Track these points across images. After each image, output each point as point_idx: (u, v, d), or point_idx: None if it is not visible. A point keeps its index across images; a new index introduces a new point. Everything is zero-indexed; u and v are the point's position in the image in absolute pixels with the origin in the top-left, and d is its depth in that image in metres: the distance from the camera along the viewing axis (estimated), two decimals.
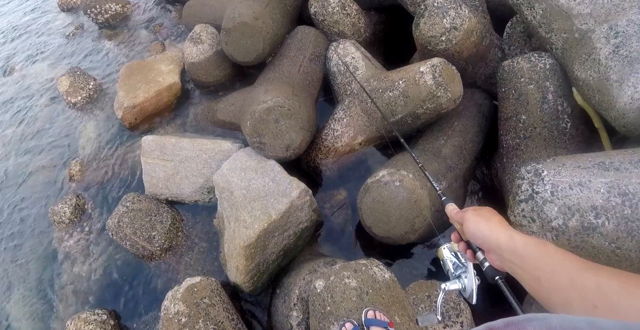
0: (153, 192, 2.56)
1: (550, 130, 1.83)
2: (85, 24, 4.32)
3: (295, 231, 2.06)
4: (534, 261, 0.59)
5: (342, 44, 2.66)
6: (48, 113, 3.58)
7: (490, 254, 0.68)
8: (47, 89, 3.82)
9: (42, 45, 4.44)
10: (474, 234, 0.69)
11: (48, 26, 4.74)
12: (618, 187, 1.27)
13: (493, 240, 0.66)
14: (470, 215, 0.72)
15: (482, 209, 0.73)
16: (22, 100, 3.86)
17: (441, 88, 2.05)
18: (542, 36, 1.95)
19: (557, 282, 0.55)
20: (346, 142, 2.38)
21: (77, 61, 3.95)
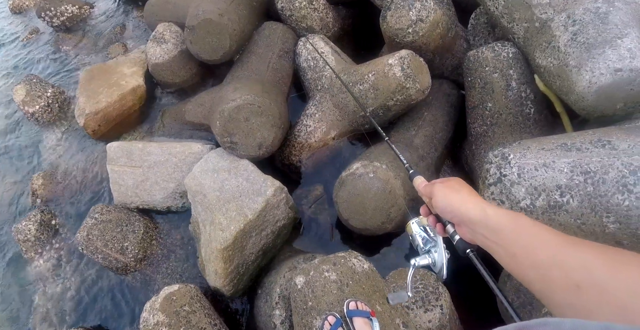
0: (122, 201, 2.50)
1: (515, 116, 1.91)
2: (40, 28, 4.14)
3: (273, 230, 2.06)
4: (509, 236, 0.56)
5: (311, 39, 2.68)
6: (4, 125, 3.41)
7: (461, 227, 0.66)
8: (1, 99, 3.64)
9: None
10: (444, 207, 0.67)
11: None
12: (580, 166, 1.34)
13: (463, 212, 0.63)
14: (438, 187, 0.69)
15: (450, 180, 0.71)
16: None
17: (410, 79, 2.10)
18: (505, 26, 2.03)
19: (536, 259, 0.51)
20: (319, 138, 2.40)
21: (33, 68, 3.78)
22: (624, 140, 1.36)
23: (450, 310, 1.55)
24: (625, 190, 1.26)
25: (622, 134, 1.40)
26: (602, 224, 1.29)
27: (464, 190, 0.67)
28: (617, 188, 1.28)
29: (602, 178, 1.30)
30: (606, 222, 1.29)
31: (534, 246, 0.53)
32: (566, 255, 0.49)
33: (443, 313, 1.52)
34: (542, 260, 0.51)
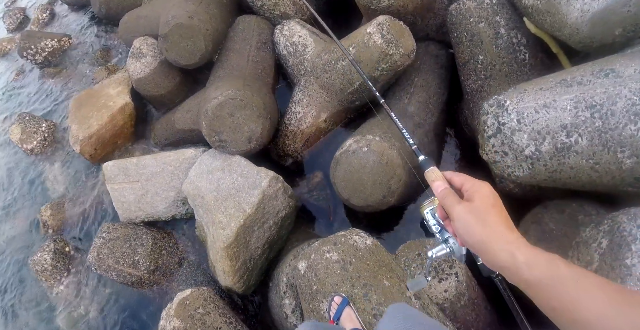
0: (127, 217, 2.48)
1: (509, 65, 1.78)
2: (25, 67, 4.20)
3: (275, 221, 2.00)
4: (546, 290, 0.47)
5: (287, 25, 2.59)
6: (6, 165, 3.47)
7: None
8: (1, 142, 3.71)
9: None
10: (465, 240, 0.57)
11: None
12: (584, 101, 1.21)
13: (489, 257, 0.53)
14: (460, 211, 0.57)
15: (476, 197, 0.57)
16: None
17: (392, 45, 1.99)
18: None
19: (579, 317, 0.44)
20: (310, 123, 2.31)
21: (25, 106, 3.83)
22: (629, 66, 1.22)
23: (466, 277, 1.44)
24: (638, 119, 1.13)
25: (625, 60, 1.25)
26: (618, 161, 1.16)
27: (491, 220, 0.55)
28: (629, 118, 1.14)
29: (610, 110, 1.17)
30: (621, 158, 1.15)
31: (577, 303, 0.45)
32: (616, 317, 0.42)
33: (459, 281, 1.42)
34: (587, 319, 0.44)
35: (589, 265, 1.00)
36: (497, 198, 0.57)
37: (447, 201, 0.59)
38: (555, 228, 1.31)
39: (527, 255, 0.50)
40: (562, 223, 1.30)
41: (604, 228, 1.02)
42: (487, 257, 0.54)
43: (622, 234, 0.96)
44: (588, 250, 1.03)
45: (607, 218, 1.03)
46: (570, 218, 1.28)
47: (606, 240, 0.99)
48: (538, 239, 1.34)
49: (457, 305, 1.50)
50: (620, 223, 0.98)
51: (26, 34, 3.99)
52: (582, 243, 1.08)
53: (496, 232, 0.53)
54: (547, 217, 1.36)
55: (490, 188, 0.58)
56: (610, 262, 0.95)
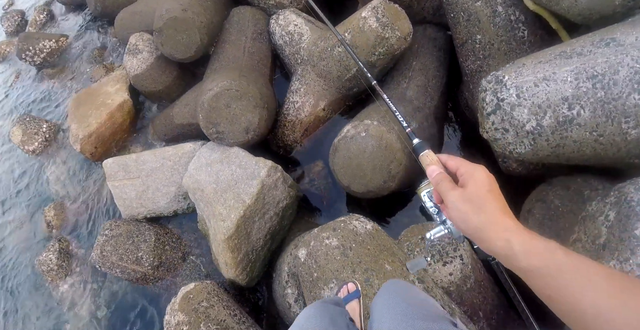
0: (129, 213, 2.48)
1: (508, 43, 1.73)
2: (24, 69, 4.22)
3: (276, 211, 1.98)
4: (542, 279, 0.46)
5: (282, 15, 2.56)
6: (9, 168, 3.49)
7: None
8: (3, 144, 3.73)
9: None
10: (459, 227, 0.55)
11: None
12: (585, 71, 1.17)
13: (485, 244, 0.52)
14: (454, 198, 0.55)
15: (471, 186, 0.54)
16: None
17: (388, 28, 1.95)
18: None
19: (577, 307, 0.43)
20: (309, 112, 2.29)
21: (25, 108, 3.85)
22: (630, 34, 1.18)
23: (471, 259, 1.41)
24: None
25: (626, 28, 1.21)
26: (622, 132, 1.12)
27: (486, 205, 0.53)
28: (632, 87, 1.11)
29: (612, 79, 1.13)
30: (626, 129, 1.11)
31: (575, 292, 0.44)
32: (614, 308, 0.41)
33: (464, 263, 1.39)
34: (584, 309, 0.43)
35: (596, 239, 0.97)
36: (493, 182, 0.54)
37: (441, 187, 0.58)
38: (560, 205, 1.28)
39: (523, 242, 0.48)
40: (567, 199, 1.27)
41: (610, 200, 0.99)
42: (483, 244, 0.52)
43: (630, 205, 0.93)
44: (595, 224, 1.00)
45: (614, 190, 1.00)
46: (576, 194, 1.25)
47: (613, 213, 0.96)
48: (544, 217, 1.31)
49: (463, 288, 1.47)
50: (628, 193, 0.95)
51: (24, 36, 4.00)
52: (588, 217, 1.05)
53: (492, 219, 0.51)
54: (552, 194, 1.32)
55: (485, 172, 0.55)
56: (618, 234, 0.92)
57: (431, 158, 0.65)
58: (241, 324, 1.80)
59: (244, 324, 1.81)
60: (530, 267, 0.47)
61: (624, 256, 0.89)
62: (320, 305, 0.96)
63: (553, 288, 0.45)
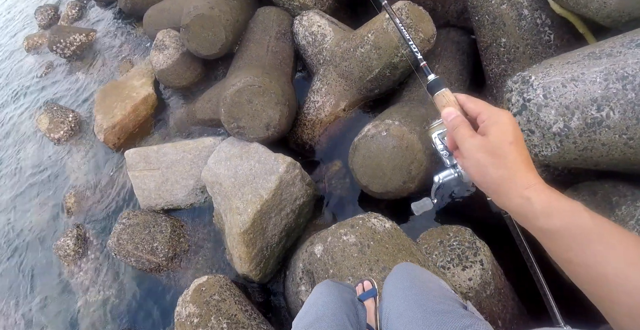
0: (147, 204, 2.52)
1: (534, 47, 1.72)
2: (54, 61, 4.40)
3: (292, 208, 1.99)
4: (564, 240, 0.43)
5: (306, 16, 2.60)
6: (35, 154, 3.62)
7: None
8: (28, 131, 3.88)
9: (16, 90, 4.54)
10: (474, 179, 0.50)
11: (18, 71, 4.86)
12: (615, 72, 1.15)
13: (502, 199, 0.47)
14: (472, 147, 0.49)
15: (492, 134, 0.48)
16: (6, 148, 3.93)
17: (411, 30, 1.96)
18: None
19: (598, 273, 0.40)
20: (329, 111, 2.30)
21: (53, 97, 4.01)
22: None
23: (492, 265, 1.39)
24: None
25: None
26: None
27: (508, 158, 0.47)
28: None
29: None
30: None
31: (598, 258, 0.41)
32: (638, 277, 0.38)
33: (484, 268, 1.37)
34: (607, 275, 0.40)
35: None
36: (517, 132, 0.49)
37: (458, 133, 0.52)
38: None
39: (545, 201, 0.45)
40: (594, 205, 1.24)
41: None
42: (500, 200, 0.49)
43: None
44: (625, 227, 0.98)
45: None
46: (603, 200, 1.22)
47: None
48: None
49: (483, 295, 1.44)
50: None
51: (56, 29, 4.17)
52: (618, 222, 1.02)
53: (512, 174, 0.47)
54: (578, 199, 1.29)
55: (510, 119, 0.50)
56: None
57: (448, 98, 0.58)
58: (252, 319, 1.81)
59: (254, 320, 1.82)
60: (551, 228, 0.44)
61: None
62: (329, 282, 0.96)
63: (574, 251, 0.42)
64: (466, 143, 0.51)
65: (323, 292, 0.89)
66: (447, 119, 0.56)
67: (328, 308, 0.80)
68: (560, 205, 0.44)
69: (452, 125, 0.54)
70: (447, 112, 0.56)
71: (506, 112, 0.51)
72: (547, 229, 0.44)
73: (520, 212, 0.47)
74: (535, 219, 0.45)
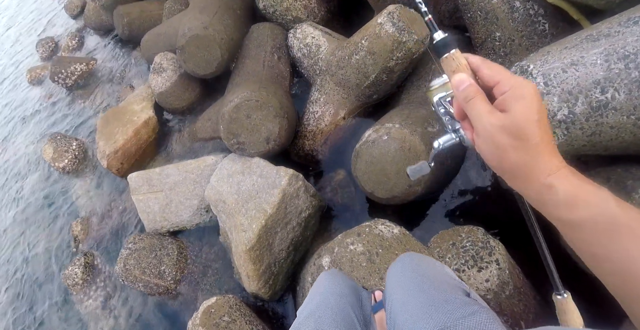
0: (153, 227, 2.52)
1: (529, 38, 1.70)
2: (57, 91, 4.56)
3: (298, 222, 1.95)
4: (589, 234, 0.39)
5: (300, 28, 2.64)
6: (40, 184, 3.69)
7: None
8: (33, 161, 3.97)
9: (20, 122, 4.69)
10: (489, 162, 0.46)
11: (22, 102, 5.03)
12: (616, 52, 1.12)
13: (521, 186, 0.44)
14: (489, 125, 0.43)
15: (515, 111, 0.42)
16: (12, 179, 4.00)
17: (404, 32, 1.97)
18: None
19: (625, 270, 0.37)
20: (329, 121, 2.30)
21: (57, 127, 4.11)
22: None
23: (508, 263, 1.33)
24: None
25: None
26: None
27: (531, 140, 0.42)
28: None
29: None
30: None
31: (629, 251, 0.37)
32: None
33: (501, 268, 1.31)
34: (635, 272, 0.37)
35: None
36: (542, 108, 0.43)
37: (473, 108, 0.46)
38: None
39: (570, 190, 0.41)
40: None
41: None
42: (518, 186, 0.45)
43: None
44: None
45: None
46: (617, 185, 1.17)
47: None
48: None
49: (502, 295, 1.38)
50: None
51: (57, 60, 4.32)
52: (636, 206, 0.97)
53: (535, 159, 0.42)
54: None
55: (536, 92, 0.43)
56: None
57: (459, 62, 0.50)
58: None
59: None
60: (574, 219, 0.40)
61: None
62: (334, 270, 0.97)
63: (600, 245, 0.39)
64: (483, 120, 0.45)
65: (327, 279, 0.88)
66: (459, 88, 0.48)
67: (332, 294, 0.79)
68: (586, 195, 0.40)
69: (465, 96, 0.47)
70: (458, 79, 0.49)
71: (530, 84, 0.45)
72: (570, 220, 0.40)
73: (540, 200, 0.42)
74: (557, 208, 0.41)
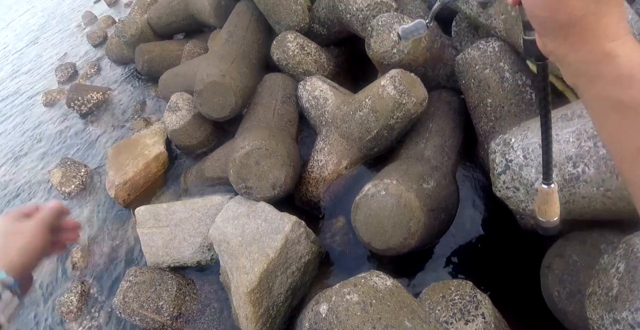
0: (154, 261, 2.62)
1: (517, 106, 1.91)
2: (70, 116, 4.80)
3: (298, 267, 2.07)
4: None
5: (309, 81, 2.89)
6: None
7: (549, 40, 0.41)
8: (41, 183, 4.12)
9: (31, 144, 4.88)
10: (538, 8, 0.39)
11: (35, 124, 5.28)
12: (586, 132, 1.31)
13: (569, 45, 0.38)
14: None
15: None
16: (18, 202, 4.14)
17: (404, 95, 2.19)
18: (484, 24, 2.13)
19: None
20: (332, 170, 2.47)
21: (67, 152, 4.31)
22: None
23: (494, 317, 1.43)
24: None
25: None
26: None
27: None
28: None
29: None
30: None
31: None
32: None
33: (486, 322, 1.41)
34: None
35: (609, 291, 1.03)
36: None
37: None
38: (579, 259, 1.33)
39: (636, 64, 0.36)
40: (585, 254, 1.33)
41: (619, 252, 1.06)
42: (565, 50, 0.38)
43: (637, 256, 1.00)
44: (607, 276, 1.06)
45: (622, 242, 1.08)
46: (592, 248, 1.31)
47: (623, 264, 1.03)
48: (563, 272, 1.36)
49: None
50: (634, 245, 1.02)
51: (75, 87, 4.62)
52: (601, 271, 1.11)
53: (604, 13, 0.35)
54: (569, 249, 1.38)
55: None
56: (628, 285, 0.98)
57: None
58: None
59: None
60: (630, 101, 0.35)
61: (635, 306, 0.95)
62: None
63: None
64: None
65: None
66: None
67: None
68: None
69: None
70: None
71: None
72: (623, 100, 0.35)
73: (591, 70, 0.36)
74: (611, 83, 0.36)
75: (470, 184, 2.21)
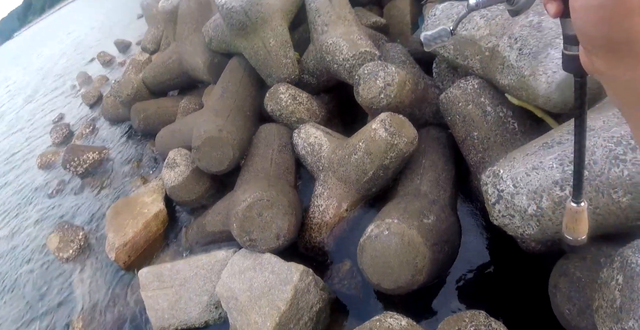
0: (160, 325, 2.59)
1: (502, 136, 2.05)
2: (66, 178, 4.87)
3: (310, 316, 2.07)
4: None
5: (303, 129, 3.06)
6: (42, 276, 3.79)
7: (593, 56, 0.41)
8: (37, 250, 4.12)
9: (27, 208, 4.91)
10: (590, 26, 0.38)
11: (30, 188, 5.31)
12: (567, 157, 1.43)
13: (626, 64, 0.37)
14: None
15: None
16: (15, 268, 4.11)
17: (395, 136, 2.34)
18: (462, 64, 2.34)
19: None
20: (333, 213, 2.55)
21: (64, 216, 4.33)
22: (598, 119, 1.47)
23: None
24: (619, 161, 1.33)
25: (594, 115, 1.51)
26: (615, 201, 1.32)
27: None
28: (610, 162, 1.34)
29: (591, 159, 1.38)
30: (617, 198, 1.31)
31: None
32: None
33: None
34: None
35: (613, 303, 1.10)
36: None
37: None
38: (582, 276, 1.40)
39: None
40: (587, 270, 1.40)
41: (616, 265, 1.14)
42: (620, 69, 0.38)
43: (631, 267, 1.08)
44: (609, 289, 1.13)
45: (617, 255, 1.16)
46: (593, 263, 1.38)
47: (621, 276, 1.10)
48: (570, 290, 1.42)
49: None
50: (628, 256, 1.10)
51: (70, 148, 4.75)
52: (603, 284, 1.17)
53: None
54: (572, 267, 1.45)
55: None
56: (629, 295, 1.05)
57: None
58: None
59: None
60: None
61: (639, 314, 1.02)
62: None
63: None
64: None
65: None
66: None
67: None
68: None
69: None
70: None
71: None
72: None
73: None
74: None
75: (469, 213, 2.30)
